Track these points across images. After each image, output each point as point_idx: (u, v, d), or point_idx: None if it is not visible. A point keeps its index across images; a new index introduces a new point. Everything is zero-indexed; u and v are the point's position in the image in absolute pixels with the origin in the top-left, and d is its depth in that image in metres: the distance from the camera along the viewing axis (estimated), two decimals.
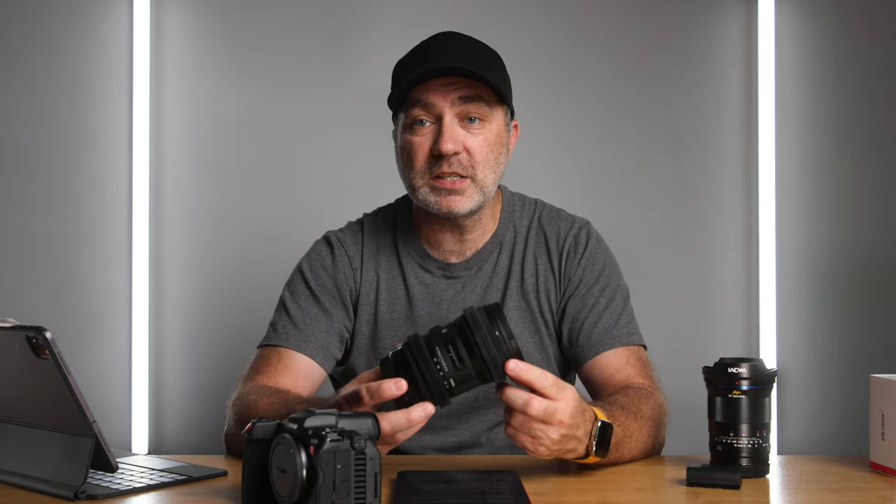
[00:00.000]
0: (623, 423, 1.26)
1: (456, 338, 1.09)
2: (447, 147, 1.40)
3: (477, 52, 1.47)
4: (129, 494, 1.14)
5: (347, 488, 0.96)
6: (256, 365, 1.48)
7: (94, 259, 2.35)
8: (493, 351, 1.08)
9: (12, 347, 1.14)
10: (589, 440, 1.17)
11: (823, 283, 2.38)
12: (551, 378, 1.12)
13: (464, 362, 1.08)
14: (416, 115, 1.43)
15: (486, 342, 1.08)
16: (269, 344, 1.49)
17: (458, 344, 1.08)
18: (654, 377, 1.47)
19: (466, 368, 1.08)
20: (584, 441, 1.17)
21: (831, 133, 2.39)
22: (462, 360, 1.08)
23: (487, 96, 1.43)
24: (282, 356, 1.47)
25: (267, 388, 1.40)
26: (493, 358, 1.08)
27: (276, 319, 1.52)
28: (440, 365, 1.08)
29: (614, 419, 1.23)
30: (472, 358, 1.08)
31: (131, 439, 2.31)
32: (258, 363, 1.48)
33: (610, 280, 1.53)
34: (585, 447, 1.17)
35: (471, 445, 1.51)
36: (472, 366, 1.08)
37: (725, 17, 2.40)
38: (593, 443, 1.17)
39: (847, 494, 1.16)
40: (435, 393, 1.08)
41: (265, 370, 1.45)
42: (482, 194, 1.45)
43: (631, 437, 1.27)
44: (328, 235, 1.59)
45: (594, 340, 1.48)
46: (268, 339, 1.51)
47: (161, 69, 2.36)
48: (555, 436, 1.12)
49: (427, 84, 1.42)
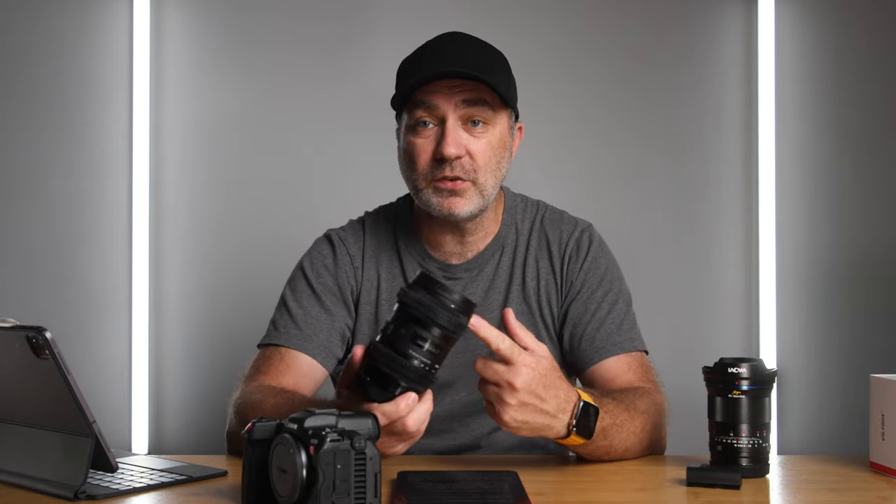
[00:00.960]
0: (612, 410, 1.26)
1: (416, 329, 1.07)
2: (449, 151, 1.40)
3: (483, 54, 1.46)
4: (129, 494, 1.14)
5: (347, 488, 0.96)
6: (258, 364, 1.48)
7: (93, 259, 2.35)
8: (450, 318, 1.07)
9: (12, 347, 1.14)
10: (570, 419, 1.18)
11: (823, 283, 2.38)
12: (508, 341, 1.14)
13: (437, 345, 1.07)
14: (419, 117, 1.42)
15: (438, 313, 1.06)
16: (270, 343, 1.49)
17: (421, 333, 1.06)
18: (656, 381, 1.47)
19: (441, 349, 1.08)
20: (560, 418, 1.18)
21: (831, 133, 2.39)
22: (435, 345, 1.07)
23: (492, 100, 1.43)
24: (283, 355, 1.46)
25: (272, 388, 1.40)
26: (455, 325, 1.07)
27: (278, 318, 1.52)
28: (420, 361, 1.07)
29: (602, 405, 1.24)
30: (442, 338, 1.07)
31: (131, 439, 2.31)
32: (260, 362, 1.48)
33: (612, 285, 1.53)
34: (566, 426, 1.18)
35: (471, 448, 1.51)
36: (444, 343, 1.08)
37: (725, 17, 2.40)
38: (573, 421, 1.18)
39: (847, 494, 1.16)
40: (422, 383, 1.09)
41: (267, 370, 1.45)
42: (482, 198, 1.45)
43: (621, 427, 1.27)
44: (329, 234, 1.59)
45: (596, 346, 1.48)
46: (269, 337, 1.50)
47: (161, 69, 2.36)
48: (511, 401, 1.14)
49: (431, 86, 1.41)
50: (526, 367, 1.14)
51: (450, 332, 1.08)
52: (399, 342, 1.07)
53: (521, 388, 1.14)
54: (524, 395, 1.14)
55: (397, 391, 1.08)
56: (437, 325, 1.06)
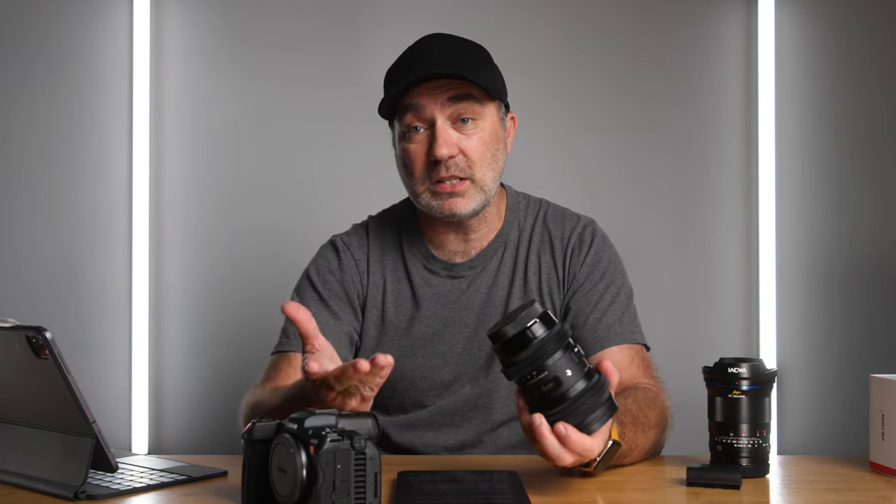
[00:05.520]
0: (631, 438, 1.26)
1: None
2: (441, 152, 1.41)
3: (462, 50, 1.48)
4: (129, 494, 1.14)
5: (347, 488, 0.96)
6: (268, 371, 1.49)
7: (94, 259, 2.35)
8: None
9: (12, 347, 1.14)
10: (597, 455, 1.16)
11: (823, 283, 2.38)
12: (588, 442, 1.10)
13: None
14: (409, 122, 1.44)
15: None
16: (280, 350, 1.50)
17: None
18: (658, 377, 1.48)
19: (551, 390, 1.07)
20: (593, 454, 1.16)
21: (831, 133, 2.39)
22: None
23: (478, 94, 1.44)
24: (292, 361, 1.48)
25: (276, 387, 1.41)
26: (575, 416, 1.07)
27: (287, 325, 1.53)
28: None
29: (623, 435, 1.22)
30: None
31: (131, 439, 2.31)
32: (270, 370, 1.49)
33: (615, 278, 1.54)
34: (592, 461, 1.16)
35: (473, 444, 1.51)
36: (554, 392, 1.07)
37: (725, 17, 2.39)
38: (597, 459, 1.15)
39: (847, 494, 1.16)
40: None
41: (275, 375, 1.47)
42: (483, 193, 1.46)
43: (634, 450, 1.28)
44: (334, 239, 1.60)
45: (598, 335, 1.48)
46: (280, 345, 1.52)
47: (161, 69, 2.36)
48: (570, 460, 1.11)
49: (416, 89, 1.43)
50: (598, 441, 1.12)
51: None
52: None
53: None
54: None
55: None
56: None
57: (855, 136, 2.38)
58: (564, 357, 1.06)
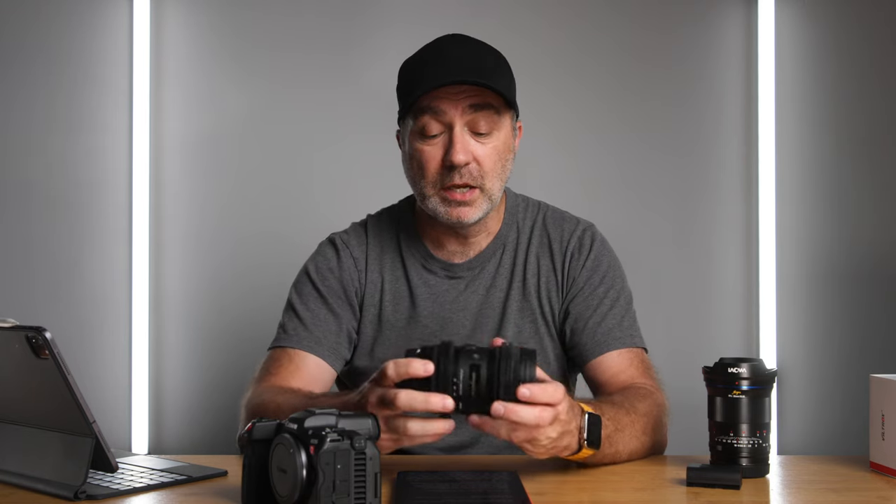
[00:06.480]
0: (613, 416, 1.26)
1: (482, 363, 1.10)
2: (459, 158, 1.41)
3: (486, 57, 1.46)
4: (129, 494, 1.14)
5: (347, 488, 0.97)
6: (268, 366, 1.48)
7: (93, 259, 2.35)
8: (508, 380, 1.09)
9: (12, 347, 1.14)
10: (579, 434, 1.18)
11: (823, 283, 2.38)
12: (550, 388, 1.11)
13: (479, 382, 1.10)
14: (426, 123, 1.43)
15: (506, 372, 1.09)
16: (279, 345, 1.50)
17: (481, 367, 1.10)
18: (657, 379, 1.47)
19: (480, 386, 1.10)
20: (576, 434, 1.17)
21: (831, 133, 2.39)
22: (478, 380, 1.10)
23: (497, 103, 1.43)
24: (292, 357, 1.47)
25: (280, 387, 1.41)
26: (507, 386, 1.09)
27: (286, 321, 1.53)
28: (461, 375, 1.09)
29: (603, 413, 1.23)
30: (488, 381, 1.09)
31: (131, 439, 2.31)
32: (269, 364, 1.49)
33: (614, 282, 1.54)
34: (578, 441, 1.18)
35: (470, 445, 1.51)
36: (485, 385, 1.10)
37: (725, 17, 2.39)
38: (583, 435, 1.18)
39: (847, 494, 1.16)
40: (442, 387, 1.10)
41: (276, 371, 1.46)
42: (490, 202, 1.47)
43: (623, 431, 1.28)
44: (333, 237, 1.60)
45: (598, 340, 1.48)
46: (278, 340, 1.51)
47: (161, 69, 2.36)
48: (553, 434, 1.13)
49: (437, 91, 1.41)
50: (564, 402, 1.13)
51: (498, 384, 1.11)
52: (463, 357, 1.11)
53: (564, 419, 1.13)
54: (563, 425, 1.13)
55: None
56: (497, 376, 1.11)
57: (855, 136, 2.38)
58: (464, 360, 1.10)
